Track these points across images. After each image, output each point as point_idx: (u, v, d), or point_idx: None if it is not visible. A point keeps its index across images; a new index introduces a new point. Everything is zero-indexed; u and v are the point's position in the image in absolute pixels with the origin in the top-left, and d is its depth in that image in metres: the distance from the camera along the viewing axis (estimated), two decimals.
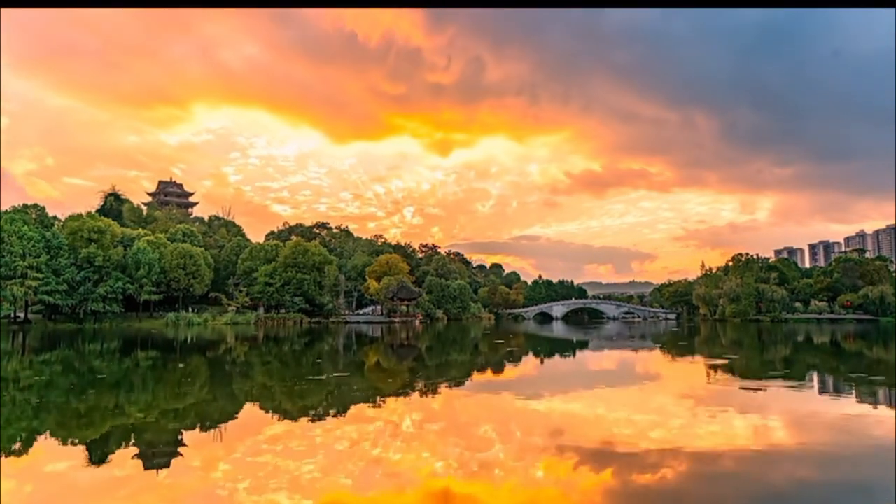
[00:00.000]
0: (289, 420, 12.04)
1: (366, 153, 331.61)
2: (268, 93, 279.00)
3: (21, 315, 68.58)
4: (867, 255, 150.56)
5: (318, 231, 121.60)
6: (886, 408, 13.89)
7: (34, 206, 78.54)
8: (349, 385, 18.04)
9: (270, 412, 13.43)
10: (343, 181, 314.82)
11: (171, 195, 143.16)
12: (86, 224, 71.78)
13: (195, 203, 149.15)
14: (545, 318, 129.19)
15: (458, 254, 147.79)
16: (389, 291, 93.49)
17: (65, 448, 9.73)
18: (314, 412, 13.09)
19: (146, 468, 8.36)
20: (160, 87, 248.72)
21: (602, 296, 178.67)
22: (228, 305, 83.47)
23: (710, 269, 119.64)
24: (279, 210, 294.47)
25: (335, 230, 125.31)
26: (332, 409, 13.47)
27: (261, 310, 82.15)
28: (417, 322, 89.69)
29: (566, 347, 39.00)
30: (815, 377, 21.52)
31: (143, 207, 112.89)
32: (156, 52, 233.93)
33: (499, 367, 24.74)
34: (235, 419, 12.72)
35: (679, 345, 41.65)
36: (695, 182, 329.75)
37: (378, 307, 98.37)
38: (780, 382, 18.89)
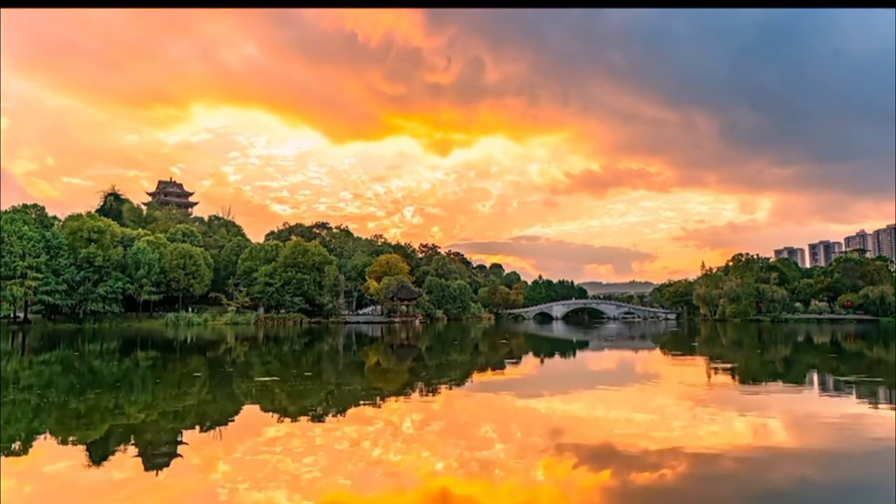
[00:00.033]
0: (288, 420, 12.03)
1: (365, 153, 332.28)
2: (267, 93, 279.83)
3: (21, 315, 68.62)
4: (867, 255, 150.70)
5: (318, 231, 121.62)
6: (886, 408, 13.88)
7: (34, 206, 78.59)
8: (349, 385, 18.04)
9: (270, 412, 13.41)
10: (343, 181, 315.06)
11: (171, 195, 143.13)
12: (86, 224, 71.80)
13: (195, 203, 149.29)
14: (545, 318, 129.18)
15: (458, 254, 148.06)
16: (389, 291, 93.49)
17: (64, 448, 9.72)
18: (314, 412, 13.08)
19: (146, 468, 8.36)
20: (159, 87, 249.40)
21: (602, 296, 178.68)
22: (228, 305, 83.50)
23: (711, 269, 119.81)
24: (279, 210, 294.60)
25: (335, 230, 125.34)
26: (332, 410, 13.47)
27: (261, 310, 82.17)
28: (417, 322, 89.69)
29: (566, 347, 38.99)
30: (816, 377, 21.50)
31: (143, 207, 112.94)
32: (155, 53, 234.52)
33: (499, 367, 24.72)
34: (235, 419, 12.70)
35: (679, 345, 41.65)
36: (695, 182, 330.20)
37: (378, 307, 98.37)
38: (780, 382, 18.90)
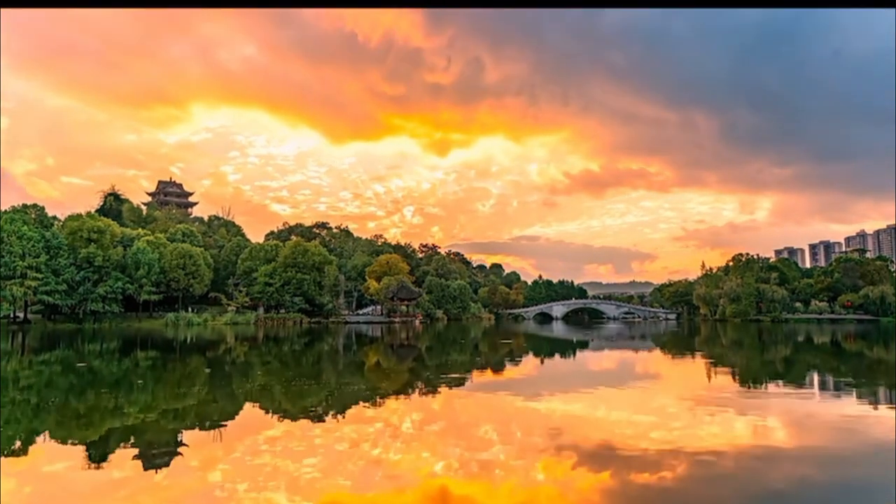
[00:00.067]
0: (288, 420, 12.03)
1: (365, 153, 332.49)
2: (266, 93, 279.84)
3: (20, 315, 68.61)
4: (868, 255, 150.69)
5: (318, 231, 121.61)
6: (886, 408, 13.88)
7: (34, 206, 78.57)
8: (349, 385, 18.04)
9: (270, 412, 13.41)
10: (342, 180, 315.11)
11: (171, 195, 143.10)
12: (85, 224, 71.79)
13: (195, 203, 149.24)
14: (545, 318, 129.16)
15: (458, 254, 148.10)
16: (389, 291, 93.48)
17: (64, 448, 9.72)
18: (314, 412, 13.08)
19: (145, 469, 8.35)
20: (159, 87, 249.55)
21: (602, 296, 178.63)
22: (228, 305, 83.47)
23: (711, 269, 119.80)
24: (278, 209, 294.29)
25: (335, 230, 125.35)
26: (332, 410, 13.45)
27: (260, 310, 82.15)
28: (417, 322, 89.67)
29: (566, 348, 38.97)
30: (816, 378, 21.50)
31: (143, 207, 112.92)
32: (155, 53, 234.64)
33: (499, 368, 24.71)
34: (235, 419, 12.70)
35: (679, 345, 41.65)
36: (694, 182, 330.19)
37: (378, 307, 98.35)
38: (780, 383, 18.90)
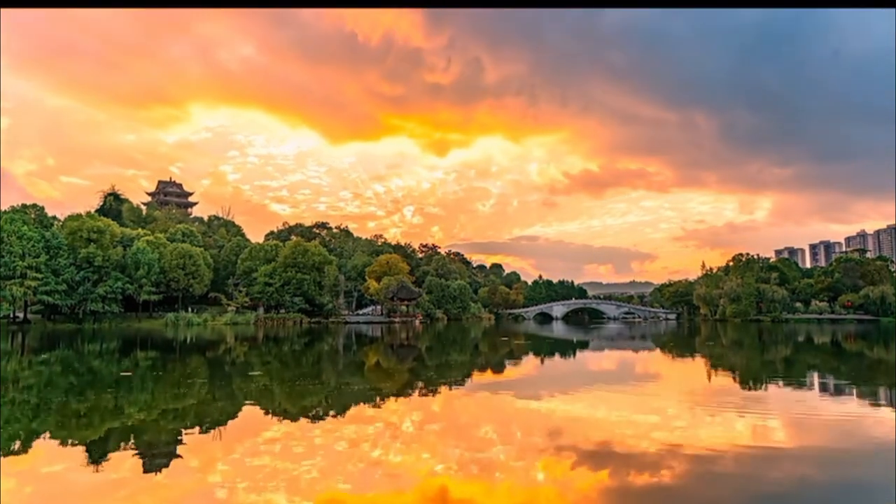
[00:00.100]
0: (288, 421, 12.03)
1: (364, 153, 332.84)
2: (266, 93, 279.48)
3: (20, 315, 68.61)
4: (868, 255, 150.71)
5: (318, 231, 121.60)
6: (886, 408, 13.88)
7: (34, 206, 78.59)
8: (349, 385, 18.03)
9: (269, 413, 13.41)
10: (342, 180, 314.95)
11: (171, 195, 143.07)
12: (85, 224, 71.79)
13: (194, 203, 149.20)
14: (545, 319, 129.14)
15: (458, 254, 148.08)
16: (389, 291, 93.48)
17: (64, 448, 9.71)
18: (313, 413, 13.08)
19: (145, 469, 8.35)
20: (158, 87, 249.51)
21: (602, 296, 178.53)
22: (228, 305, 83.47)
23: (711, 269, 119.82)
24: (278, 209, 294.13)
25: (335, 230, 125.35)
26: (332, 410, 13.46)
27: (260, 310, 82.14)
28: (417, 322, 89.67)
29: (566, 348, 38.97)
30: (816, 378, 21.50)
31: (143, 207, 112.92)
32: (154, 53, 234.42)
33: (499, 368, 24.71)
34: (234, 420, 12.69)
35: (679, 345, 41.65)
36: (694, 182, 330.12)
37: (378, 307, 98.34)
38: (781, 383, 18.89)
